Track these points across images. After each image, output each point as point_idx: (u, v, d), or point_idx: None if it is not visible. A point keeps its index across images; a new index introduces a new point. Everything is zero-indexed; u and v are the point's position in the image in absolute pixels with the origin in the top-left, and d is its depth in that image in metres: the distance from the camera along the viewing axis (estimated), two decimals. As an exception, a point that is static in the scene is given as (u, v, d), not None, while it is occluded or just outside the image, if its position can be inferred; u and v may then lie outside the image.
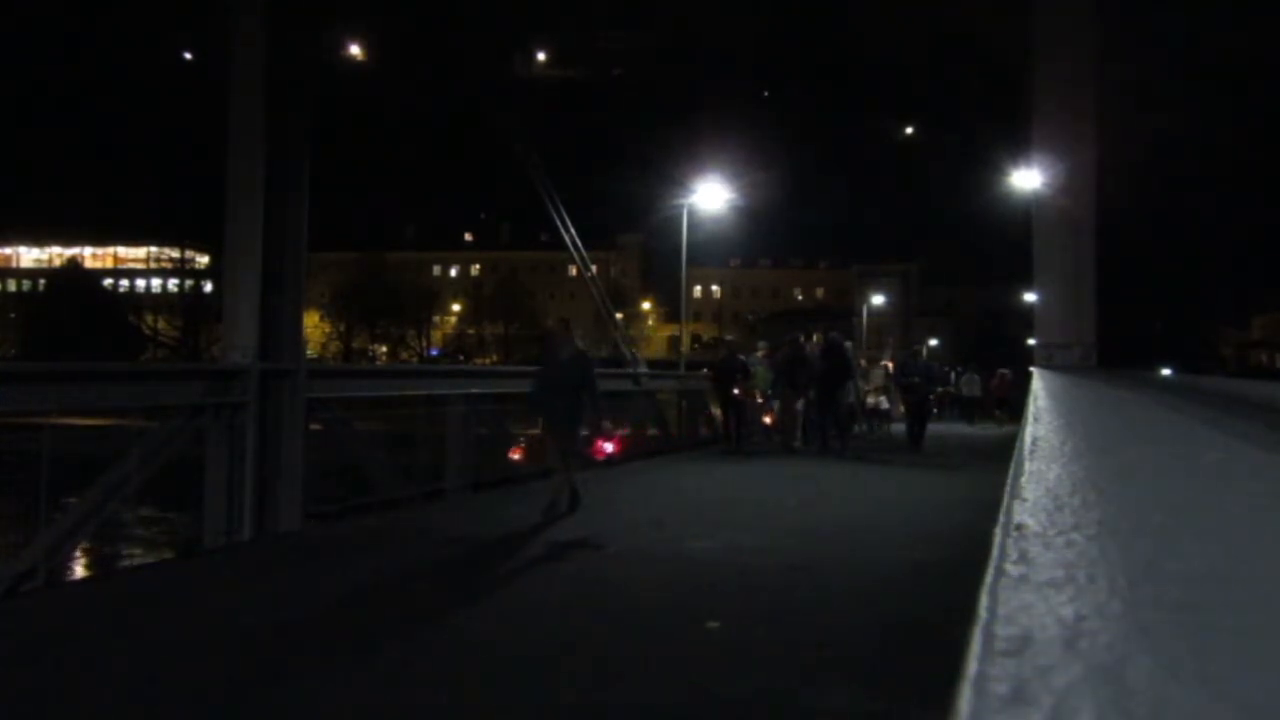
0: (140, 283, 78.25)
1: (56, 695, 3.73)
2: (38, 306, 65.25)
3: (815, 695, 3.65)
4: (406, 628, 4.64)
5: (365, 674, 3.88)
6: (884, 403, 19.42)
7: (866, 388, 18.46)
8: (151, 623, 4.80)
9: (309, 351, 43.04)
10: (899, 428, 17.84)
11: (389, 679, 3.82)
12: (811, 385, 14.43)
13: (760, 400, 16.80)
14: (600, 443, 9.25)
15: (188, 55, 77.54)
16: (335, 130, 45.24)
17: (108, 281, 75.13)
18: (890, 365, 21.78)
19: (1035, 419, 2.51)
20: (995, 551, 0.79)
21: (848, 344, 15.41)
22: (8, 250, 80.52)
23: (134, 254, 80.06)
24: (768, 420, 17.32)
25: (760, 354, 17.48)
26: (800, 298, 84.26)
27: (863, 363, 21.41)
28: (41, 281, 73.00)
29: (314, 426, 8.33)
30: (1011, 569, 0.68)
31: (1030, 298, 14.76)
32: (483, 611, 4.96)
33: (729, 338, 19.27)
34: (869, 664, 4.05)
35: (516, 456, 10.49)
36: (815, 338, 15.74)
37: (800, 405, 14.87)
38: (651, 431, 15.51)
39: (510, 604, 5.13)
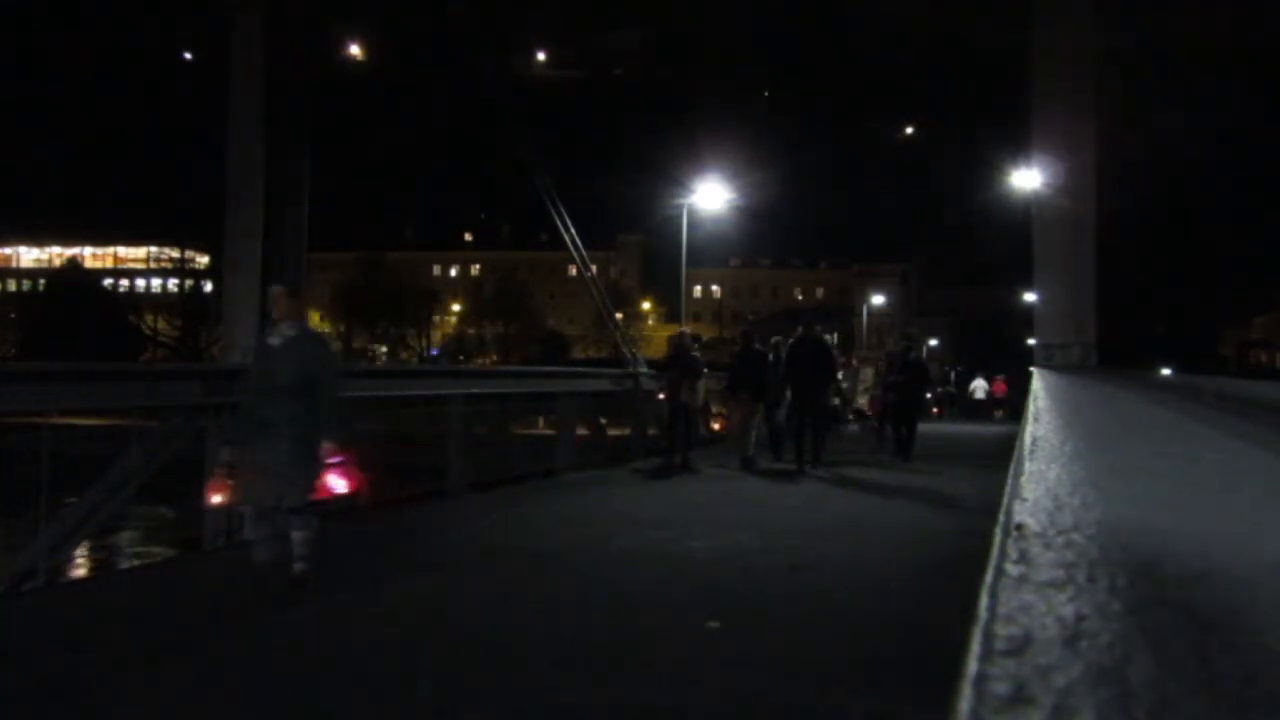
0: (140, 283, 78.14)
1: (55, 695, 3.73)
2: (38, 306, 65.11)
3: (815, 695, 3.65)
4: (408, 628, 4.64)
5: (366, 673, 3.89)
6: (865, 408, 18.41)
7: (845, 385, 17.23)
8: (150, 623, 4.80)
9: (309, 351, 42.67)
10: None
11: (389, 677, 3.83)
12: (770, 389, 11.99)
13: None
14: (327, 476, 5.40)
15: (188, 55, 77.58)
16: (335, 129, 45.22)
17: (108, 281, 74.99)
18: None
19: (1035, 419, 2.50)
20: (995, 551, 0.79)
21: (829, 339, 13.48)
22: (8, 250, 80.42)
23: (134, 254, 79.98)
24: (716, 426, 15.73)
25: None
26: (800, 298, 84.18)
27: (854, 361, 20.98)
28: (41, 281, 72.85)
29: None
30: (1011, 569, 0.68)
31: (1030, 298, 14.67)
32: (483, 612, 4.96)
33: (684, 329, 16.89)
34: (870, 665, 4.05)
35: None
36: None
37: (756, 412, 12.23)
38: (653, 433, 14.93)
39: (510, 604, 5.13)
